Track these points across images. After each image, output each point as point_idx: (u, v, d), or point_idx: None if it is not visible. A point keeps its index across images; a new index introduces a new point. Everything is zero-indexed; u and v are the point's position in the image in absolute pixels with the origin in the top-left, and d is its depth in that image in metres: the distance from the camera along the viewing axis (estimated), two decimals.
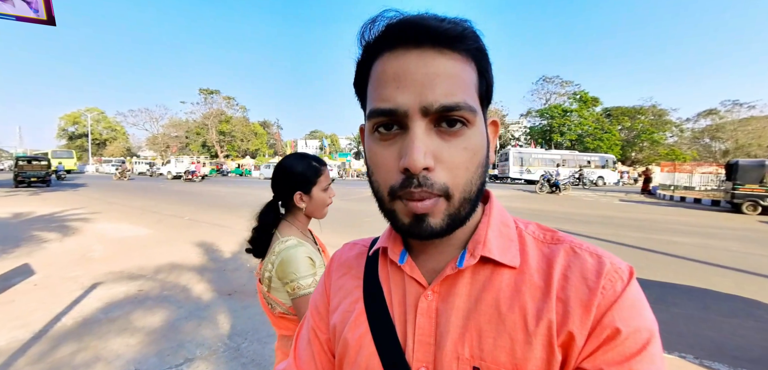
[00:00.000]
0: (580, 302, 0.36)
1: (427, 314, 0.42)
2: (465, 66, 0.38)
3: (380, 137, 0.39)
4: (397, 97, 0.37)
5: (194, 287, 4.02)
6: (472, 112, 0.37)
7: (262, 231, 1.09)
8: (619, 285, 0.37)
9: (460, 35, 0.37)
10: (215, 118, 50.90)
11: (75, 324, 3.07)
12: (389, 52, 0.38)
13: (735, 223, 9.29)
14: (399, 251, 0.47)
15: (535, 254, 0.42)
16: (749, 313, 3.49)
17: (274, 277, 1.03)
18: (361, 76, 0.43)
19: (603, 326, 0.35)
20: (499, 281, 0.40)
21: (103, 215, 8.99)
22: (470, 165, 0.38)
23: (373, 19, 0.40)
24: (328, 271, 0.57)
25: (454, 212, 0.38)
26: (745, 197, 10.98)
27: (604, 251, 0.40)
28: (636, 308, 0.36)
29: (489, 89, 0.42)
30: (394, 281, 0.47)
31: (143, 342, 2.80)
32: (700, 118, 39.59)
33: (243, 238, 5.42)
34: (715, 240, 6.91)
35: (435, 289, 0.43)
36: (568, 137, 41.94)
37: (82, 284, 4.03)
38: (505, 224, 0.45)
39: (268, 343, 2.81)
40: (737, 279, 4.50)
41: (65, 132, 55.06)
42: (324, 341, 0.52)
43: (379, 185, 0.40)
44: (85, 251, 5.47)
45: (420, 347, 0.41)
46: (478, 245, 0.42)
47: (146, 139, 56.59)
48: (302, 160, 1.12)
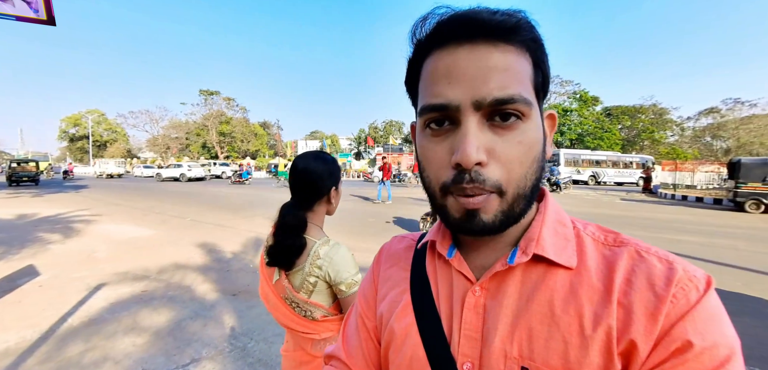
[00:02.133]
0: (646, 310, 0.34)
1: (474, 309, 0.41)
2: (519, 58, 0.37)
3: (432, 133, 0.39)
4: (449, 92, 0.36)
5: (199, 287, 4.02)
6: (527, 105, 0.37)
7: (297, 236, 1.03)
8: (694, 295, 0.34)
9: (514, 27, 0.36)
10: (215, 119, 50.94)
11: (82, 324, 3.07)
12: (440, 48, 0.38)
13: (739, 221, 9.27)
14: (448, 245, 0.47)
15: (595, 255, 0.40)
16: (759, 311, 3.49)
17: (321, 281, 1.01)
18: (412, 74, 0.43)
19: (672, 338, 0.32)
20: (553, 281, 0.39)
21: (107, 216, 9.00)
22: (525, 160, 0.37)
23: (424, 16, 0.40)
24: (377, 261, 0.58)
25: (508, 208, 0.37)
26: (748, 195, 10.94)
27: (677, 257, 0.37)
28: (714, 322, 0.33)
29: (545, 81, 0.41)
30: (441, 275, 0.47)
31: (150, 342, 2.80)
32: (701, 117, 39.53)
33: (246, 238, 5.44)
34: (720, 238, 6.90)
35: (483, 285, 0.42)
36: (568, 137, 41.91)
37: (88, 284, 4.03)
38: (562, 223, 0.43)
39: (274, 342, 2.81)
40: (745, 278, 4.49)
41: (66, 134, 55.20)
42: (371, 329, 0.52)
43: (431, 180, 0.40)
44: (90, 252, 5.48)
45: (466, 341, 0.41)
46: (531, 242, 0.40)
47: (146, 140, 56.68)
48: (322, 157, 1.12)
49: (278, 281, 1.07)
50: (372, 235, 6.98)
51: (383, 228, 7.65)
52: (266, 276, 1.11)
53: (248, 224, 8.09)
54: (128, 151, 57.71)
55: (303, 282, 1.02)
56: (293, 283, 1.04)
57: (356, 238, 6.60)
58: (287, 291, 1.04)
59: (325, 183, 1.08)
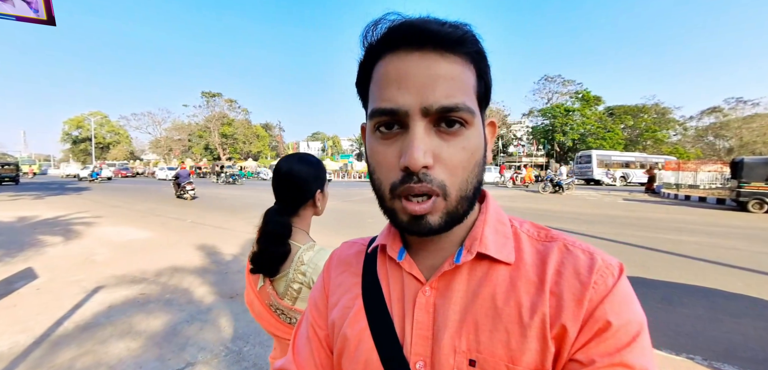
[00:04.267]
0: (573, 297, 0.38)
1: (425, 309, 0.43)
2: (464, 69, 0.39)
3: (381, 136, 0.40)
4: (399, 97, 0.38)
5: (196, 290, 4.00)
6: (471, 114, 0.39)
7: (281, 244, 1.00)
8: (610, 280, 0.38)
9: (461, 39, 0.38)
10: (217, 120, 51.11)
11: (77, 328, 3.05)
12: (391, 53, 0.39)
13: (741, 221, 9.19)
14: (398, 248, 0.48)
15: (530, 251, 0.43)
16: (759, 313, 3.43)
17: (305, 288, 0.98)
18: (363, 77, 0.44)
19: (595, 319, 0.36)
20: (495, 276, 0.42)
21: (106, 219, 9.01)
22: (468, 164, 0.39)
23: (376, 21, 0.41)
24: (327, 268, 0.58)
25: (452, 209, 0.40)
26: (751, 195, 10.86)
27: (596, 249, 0.42)
28: (626, 302, 0.37)
29: (488, 91, 0.43)
30: (393, 278, 0.48)
31: (145, 346, 2.78)
32: (703, 116, 39.38)
33: (245, 240, 5.41)
34: (722, 239, 6.83)
35: (433, 285, 0.44)
36: (570, 137, 41.78)
37: (85, 287, 4.02)
38: (501, 223, 0.46)
39: (270, 347, 2.78)
40: (746, 279, 4.43)
41: (69, 136, 55.48)
42: (322, 338, 0.53)
43: (381, 182, 0.41)
44: (88, 255, 5.47)
45: (418, 340, 0.42)
46: (474, 241, 0.43)
47: (149, 142, 56.92)
48: (307, 159, 1.09)
49: (263, 288, 1.04)
50: (372, 235, 6.95)
51: None
52: (251, 283, 1.08)
53: (248, 226, 8.08)
54: (131, 153, 57.96)
55: (287, 289, 0.99)
56: (277, 290, 1.01)
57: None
58: (271, 298, 1.02)
59: (310, 186, 1.05)
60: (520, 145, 49.35)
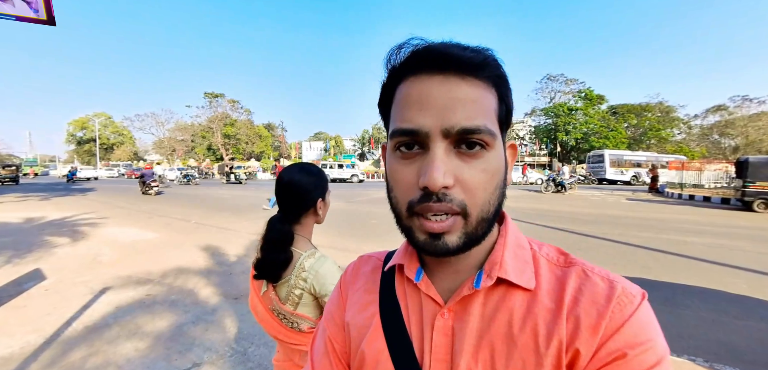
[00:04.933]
0: (589, 325, 0.37)
1: (443, 333, 0.43)
2: (486, 92, 0.40)
3: (401, 156, 0.41)
4: (420, 118, 0.38)
5: (201, 291, 4.05)
6: (492, 136, 0.39)
7: (283, 251, 1.04)
8: (629, 309, 0.37)
9: (482, 63, 0.39)
10: (220, 121, 51.30)
11: (86, 329, 3.11)
12: (414, 76, 0.40)
13: (747, 221, 9.13)
14: (415, 269, 0.48)
15: (548, 276, 0.43)
16: (764, 315, 3.42)
17: (306, 293, 1.02)
18: (385, 98, 0.45)
19: (608, 349, 0.36)
20: (512, 301, 0.42)
21: (112, 220, 9.11)
22: (488, 186, 0.40)
23: (400, 45, 0.42)
24: (343, 282, 0.58)
25: (471, 231, 0.40)
26: (757, 194, 10.76)
27: (617, 276, 0.41)
28: (644, 332, 0.36)
29: (508, 114, 0.43)
30: (410, 298, 0.48)
31: (152, 347, 2.83)
32: (708, 115, 39.03)
33: (249, 241, 5.45)
34: (727, 239, 6.80)
35: (451, 308, 0.44)
36: (573, 136, 41.57)
37: (92, 288, 4.08)
38: (521, 246, 0.46)
39: (274, 347, 2.81)
40: (751, 280, 4.42)
41: (74, 137, 55.94)
42: (340, 352, 0.53)
43: (398, 200, 0.42)
44: (94, 256, 5.54)
45: (436, 364, 0.42)
46: (494, 266, 0.43)
47: (153, 143, 57.25)
48: (308, 169, 1.13)
49: (266, 293, 1.08)
50: (377, 237, 6.99)
51: (388, 230, 7.65)
52: (255, 288, 1.12)
53: (253, 226, 8.14)
54: (135, 154, 58.34)
55: (289, 294, 1.03)
56: (280, 295, 1.05)
57: (360, 241, 6.61)
58: (274, 303, 1.06)
59: (311, 195, 1.09)
60: (523, 145, 49.18)
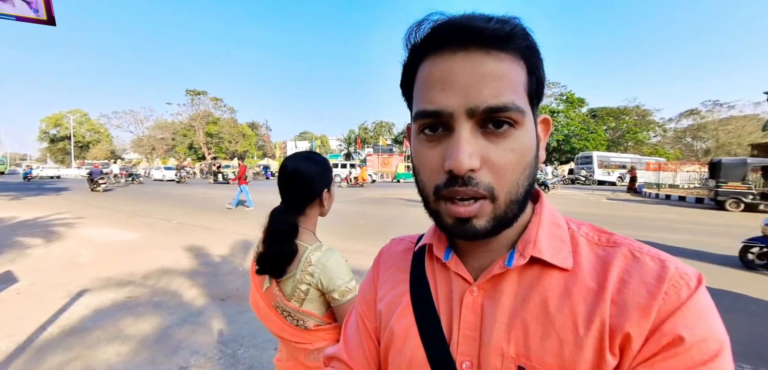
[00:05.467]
0: (638, 306, 0.35)
1: (472, 309, 0.42)
2: (513, 65, 0.37)
3: (426, 138, 0.40)
4: (443, 99, 0.37)
5: (186, 292, 3.92)
6: (520, 113, 0.37)
7: (288, 243, 0.98)
8: (685, 291, 0.34)
9: (508, 35, 0.37)
10: (202, 119, 50.13)
11: (62, 333, 2.95)
12: (435, 54, 0.38)
13: (720, 219, 9.55)
14: (444, 248, 0.47)
15: (589, 256, 0.40)
16: (743, 308, 3.57)
17: (313, 289, 0.97)
18: (407, 78, 0.43)
19: (663, 333, 0.33)
20: (548, 281, 0.40)
21: (90, 220, 8.73)
22: (517, 166, 0.38)
23: (419, 22, 0.40)
24: (376, 263, 0.59)
25: (501, 214, 0.38)
26: (728, 194, 11.29)
27: (669, 256, 0.38)
28: (703, 317, 0.34)
29: (540, 87, 0.41)
30: (440, 277, 0.47)
31: (135, 350, 2.71)
32: (682, 118, 40.75)
33: (235, 241, 5.32)
34: (703, 237, 7.08)
35: (481, 286, 0.43)
36: (555, 137, 42.56)
37: (69, 291, 3.88)
38: (557, 225, 0.44)
39: (265, 348, 2.75)
40: (728, 275, 4.61)
41: (47, 135, 53.45)
42: (371, 330, 0.54)
43: (425, 184, 0.41)
44: (71, 257, 5.29)
45: (464, 341, 0.42)
46: (528, 244, 0.41)
47: (131, 141, 55.42)
48: (313, 157, 1.08)
49: (269, 289, 1.02)
50: (365, 236, 6.94)
51: (376, 229, 7.62)
52: (257, 284, 1.07)
53: (237, 226, 7.96)
54: (112, 152, 56.28)
55: (294, 290, 0.98)
56: (284, 291, 0.99)
57: (348, 240, 6.55)
58: (278, 300, 1.00)
59: (316, 185, 1.04)
60: None
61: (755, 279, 4.44)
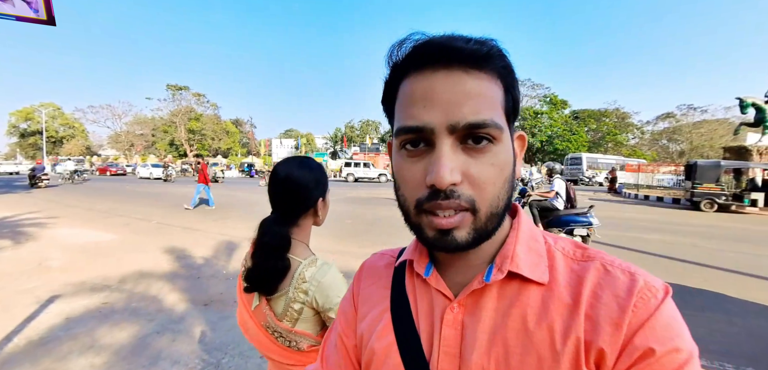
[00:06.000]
0: (611, 320, 0.36)
1: (452, 326, 0.43)
2: (491, 84, 0.39)
3: (408, 153, 0.40)
4: (424, 115, 0.38)
5: (166, 297, 3.75)
6: (499, 129, 0.38)
7: (279, 258, 0.90)
8: (653, 303, 0.36)
9: (486, 55, 0.38)
10: (184, 115, 48.86)
11: (29, 344, 2.76)
12: (417, 72, 0.39)
13: (696, 220, 9.92)
14: (425, 264, 0.47)
15: (565, 270, 0.42)
16: (719, 306, 3.68)
17: (307, 308, 0.89)
18: (389, 95, 0.44)
19: (635, 346, 0.34)
20: (526, 297, 0.41)
21: (62, 220, 8.32)
22: (497, 180, 0.39)
23: (401, 41, 0.41)
24: (357, 278, 0.58)
25: (481, 226, 0.39)
26: (703, 195, 11.77)
27: (639, 269, 0.40)
28: (671, 328, 0.35)
29: (516, 105, 0.43)
30: (420, 293, 0.48)
31: (110, 362, 2.56)
32: (658, 121, 42.32)
33: (217, 242, 5.15)
34: (681, 237, 7.32)
35: (461, 302, 0.43)
36: (539, 138, 43.48)
37: (38, 297, 3.66)
38: (534, 239, 0.45)
39: (251, 357, 2.64)
40: (704, 274, 4.76)
41: (16, 129, 50.93)
42: (350, 348, 0.53)
43: (406, 198, 0.41)
44: (41, 260, 5.00)
45: (445, 358, 0.42)
46: (506, 259, 0.42)
47: (108, 137, 53.48)
48: (307, 163, 1.00)
49: (258, 308, 0.94)
50: (351, 237, 6.86)
51: (365, 230, 7.55)
52: (245, 302, 0.98)
53: (220, 226, 7.74)
54: (87, 148, 54.15)
55: (286, 309, 0.90)
56: (275, 310, 0.91)
57: (334, 241, 6.46)
58: (268, 319, 0.92)
59: (311, 194, 0.96)
60: None
61: (731, 279, 4.60)
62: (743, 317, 3.43)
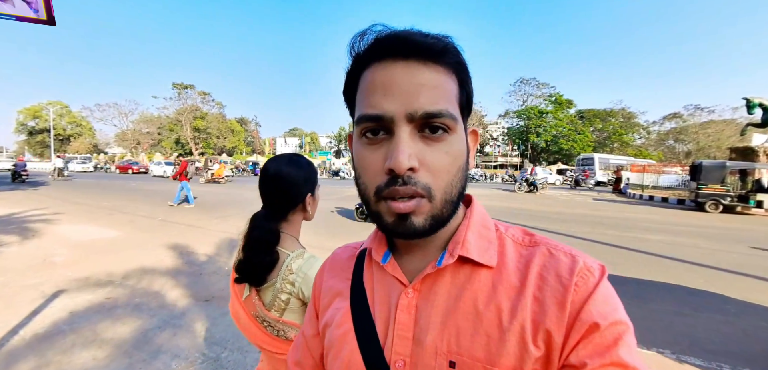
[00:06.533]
0: (555, 300, 0.38)
1: (406, 310, 0.44)
2: (447, 78, 0.41)
3: (368, 142, 0.42)
4: (385, 103, 0.39)
5: (168, 293, 3.81)
6: (454, 120, 0.40)
7: (268, 252, 0.94)
8: (592, 281, 0.39)
9: (443, 50, 0.40)
10: (190, 114, 49.23)
11: (35, 338, 2.82)
12: (377, 63, 0.41)
13: (700, 221, 9.83)
14: (383, 252, 0.50)
15: (514, 255, 0.44)
16: (719, 308, 3.67)
17: (294, 298, 0.93)
18: (350, 85, 0.46)
19: (581, 321, 0.37)
20: (477, 281, 0.43)
21: (67, 216, 8.44)
22: (451, 168, 0.41)
23: (363, 32, 0.43)
24: (319, 273, 0.61)
25: (437, 212, 0.41)
26: (708, 196, 11.64)
27: (579, 252, 0.43)
28: (610, 303, 0.38)
29: (469, 100, 0.45)
30: (377, 281, 0.50)
31: (112, 355, 2.61)
32: (665, 121, 41.85)
33: (220, 239, 5.21)
34: (684, 237, 7.27)
35: (415, 287, 0.45)
36: (544, 138, 43.25)
37: (43, 292, 3.73)
38: (485, 227, 0.47)
39: (250, 352, 2.68)
40: (706, 275, 4.73)
41: (25, 127, 51.62)
42: (309, 337, 0.57)
43: (366, 186, 0.42)
44: (46, 256, 5.09)
45: (399, 341, 0.44)
46: (457, 245, 0.44)
47: (115, 135, 54.01)
48: (297, 160, 1.03)
49: (248, 298, 0.98)
50: (341, 230, 6.89)
51: (355, 228, 7.58)
52: (236, 293, 1.02)
53: (222, 224, 7.81)
54: (94, 146, 54.74)
55: (274, 299, 0.93)
56: (264, 300, 0.95)
57: (323, 237, 6.50)
58: (258, 309, 0.96)
59: (300, 190, 1.00)
60: (496, 146, 50.61)
61: (731, 280, 4.57)
62: (742, 318, 3.42)
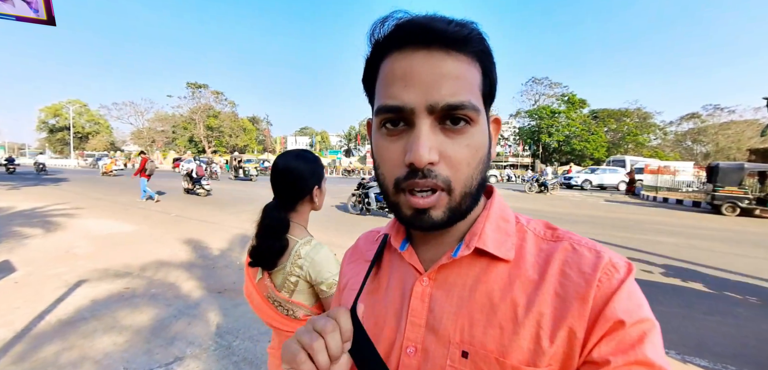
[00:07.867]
0: (577, 295, 0.37)
1: (420, 298, 0.45)
2: (470, 67, 0.40)
3: (387, 133, 0.41)
4: (405, 95, 0.38)
5: (183, 284, 3.95)
6: (476, 111, 0.39)
7: (278, 238, 1.04)
8: (616, 278, 0.38)
9: (467, 37, 0.39)
10: (203, 112, 50.01)
11: (59, 323, 2.99)
12: (398, 51, 0.40)
13: (716, 223, 9.59)
14: (401, 239, 0.50)
15: (533, 249, 0.43)
16: (729, 311, 3.62)
17: (302, 281, 1.02)
18: (369, 73, 0.45)
19: (605, 318, 0.36)
20: (493, 273, 0.42)
21: (87, 211, 8.75)
22: (472, 161, 0.40)
23: (383, 18, 0.41)
24: (345, 256, 0.63)
25: (456, 205, 0.40)
26: (725, 198, 11.31)
27: (605, 248, 0.41)
28: (635, 300, 0.37)
29: (492, 89, 0.43)
30: (395, 266, 0.50)
31: (131, 341, 2.74)
32: (682, 122, 40.73)
33: (232, 234, 5.34)
34: (698, 240, 7.13)
35: (431, 276, 0.45)
36: (556, 138, 42.59)
37: (66, 281, 3.92)
38: (505, 219, 0.46)
39: (260, 341, 2.79)
40: (718, 278, 4.65)
41: (46, 125, 53.33)
42: None
43: (385, 177, 0.42)
44: (68, 248, 5.32)
45: (411, 327, 0.44)
46: (474, 237, 0.44)
47: (131, 133, 55.33)
48: (304, 156, 1.12)
49: (261, 281, 1.07)
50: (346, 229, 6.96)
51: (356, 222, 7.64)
52: (250, 275, 1.12)
53: (235, 220, 7.99)
54: (111, 144, 56.20)
55: (284, 281, 1.02)
56: (275, 282, 1.04)
57: (332, 234, 6.59)
58: (269, 290, 1.05)
59: (307, 183, 1.08)
60: (507, 145, 50.08)
61: (746, 285, 4.48)
62: (755, 323, 3.37)
